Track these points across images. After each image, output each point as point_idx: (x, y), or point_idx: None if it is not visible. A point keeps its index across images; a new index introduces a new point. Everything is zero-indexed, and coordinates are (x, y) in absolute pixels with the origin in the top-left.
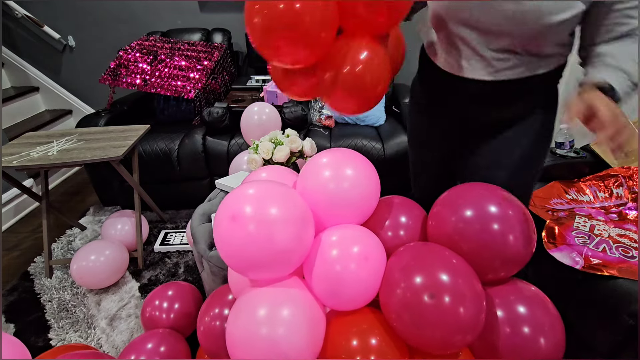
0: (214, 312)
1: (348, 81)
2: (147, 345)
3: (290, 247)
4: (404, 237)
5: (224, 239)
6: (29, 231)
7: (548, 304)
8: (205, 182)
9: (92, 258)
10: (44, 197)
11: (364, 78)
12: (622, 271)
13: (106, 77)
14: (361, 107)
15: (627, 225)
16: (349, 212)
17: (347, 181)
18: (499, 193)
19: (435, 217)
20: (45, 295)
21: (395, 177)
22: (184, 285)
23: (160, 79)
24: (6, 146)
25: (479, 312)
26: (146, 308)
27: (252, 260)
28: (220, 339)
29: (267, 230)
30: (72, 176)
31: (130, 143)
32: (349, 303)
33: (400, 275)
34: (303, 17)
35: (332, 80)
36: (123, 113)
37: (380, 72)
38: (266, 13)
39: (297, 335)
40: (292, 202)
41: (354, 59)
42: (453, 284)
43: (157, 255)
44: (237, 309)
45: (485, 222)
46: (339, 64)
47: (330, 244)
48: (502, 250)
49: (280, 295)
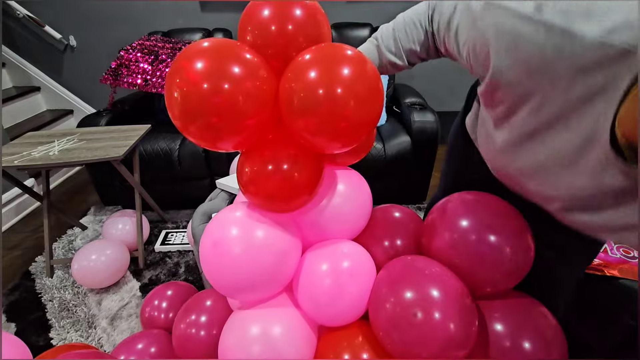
0: (190, 319)
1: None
2: (138, 346)
3: (274, 270)
4: (397, 249)
5: (209, 265)
6: (30, 231)
7: (548, 317)
8: (205, 181)
9: (93, 258)
10: (45, 197)
11: (279, 191)
12: (624, 272)
13: (107, 77)
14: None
15: None
16: (339, 228)
17: (338, 196)
18: (495, 202)
19: (430, 228)
20: (46, 295)
21: (396, 177)
22: (184, 285)
23: (161, 79)
24: (7, 146)
25: (469, 327)
26: (145, 308)
27: (237, 285)
28: (196, 346)
29: (250, 255)
30: (73, 176)
31: (131, 143)
32: (338, 318)
33: (388, 291)
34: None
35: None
36: (124, 113)
37: (302, 185)
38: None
39: (287, 352)
40: (277, 224)
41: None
42: (442, 300)
43: (157, 255)
44: (228, 328)
45: (482, 233)
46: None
47: (318, 261)
48: (500, 263)
49: (269, 313)
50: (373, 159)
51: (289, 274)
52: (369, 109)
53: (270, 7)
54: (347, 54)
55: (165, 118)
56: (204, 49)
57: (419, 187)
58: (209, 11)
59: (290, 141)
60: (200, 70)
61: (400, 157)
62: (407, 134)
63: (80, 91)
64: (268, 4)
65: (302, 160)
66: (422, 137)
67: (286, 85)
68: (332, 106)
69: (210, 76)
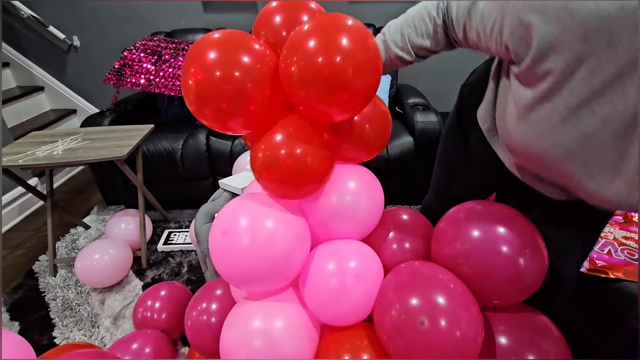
0: (202, 306)
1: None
2: (132, 346)
3: (282, 262)
4: (405, 254)
5: (218, 254)
6: (33, 230)
7: (554, 332)
8: (208, 181)
9: (96, 257)
10: (49, 196)
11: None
12: (628, 274)
13: (110, 77)
14: (292, 195)
15: (632, 228)
16: (349, 227)
17: (350, 195)
18: (507, 212)
19: (440, 235)
20: (50, 294)
21: (398, 178)
22: (177, 286)
23: (164, 79)
24: (11, 145)
25: (475, 337)
26: (138, 309)
27: (244, 275)
28: (208, 334)
29: (258, 246)
30: (77, 175)
31: (135, 143)
32: (342, 319)
33: (394, 295)
34: None
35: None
36: (127, 113)
37: (314, 168)
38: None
39: (288, 348)
40: (286, 218)
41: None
42: (448, 308)
43: (160, 255)
44: (231, 320)
45: (494, 244)
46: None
47: (326, 259)
48: (511, 276)
49: (273, 307)
50: (375, 159)
51: (296, 269)
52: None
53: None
54: (347, 23)
55: (169, 118)
56: (214, 40)
57: (422, 188)
58: (211, 11)
59: (302, 126)
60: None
61: (402, 157)
62: (409, 134)
63: (84, 91)
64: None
65: (313, 147)
66: (424, 138)
67: (286, 54)
68: (331, 75)
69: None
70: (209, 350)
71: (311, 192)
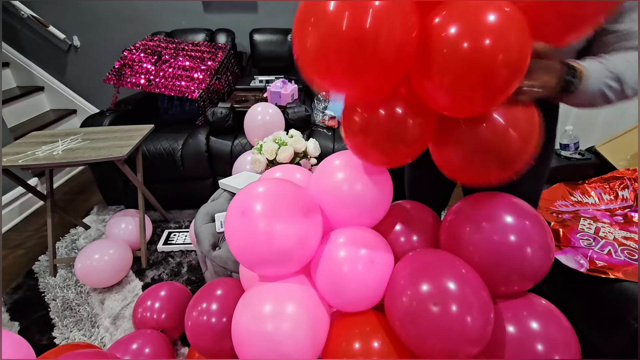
0: (202, 307)
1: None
2: (132, 346)
3: (296, 245)
4: (414, 243)
5: (234, 234)
6: (33, 230)
7: (563, 320)
8: (208, 182)
9: (96, 257)
10: (49, 196)
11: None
12: (628, 274)
13: (111, 77)
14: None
15: (632, 228)
16: (360, 214)
17: (360, 183)
18: (515, 203)
19: (449, 226)
20: (50, 294)
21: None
22: (176, 286)
23: (164, 79)
24: (12, 145)
25: (485, 324)
26: (137, 309)
27: (259, 256)
28: (208, 334)
29: (274, 227)
30: (77, 175)
31: (135, 143)
32: (353, 304)
33: (405, 282)
34: None
35: None
36: (127, 113)
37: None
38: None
39: (299, 332)
40: (302, 202)
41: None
42: (459, 294)
43: (160, 255)
44: (243, 303)
45: (502, 233)
46: None
47: (338, 245)
48: (518, 264)
49: (285, 291)
50: None
51: (309, 254)
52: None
53: None
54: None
55: (169, 118)
56: None
57: None
58: (211, 11)
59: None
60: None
61: None
62: None
63: (84, 91)
64: None
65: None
66: None
67: (434, 32)
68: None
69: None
70: (209, 351)
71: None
